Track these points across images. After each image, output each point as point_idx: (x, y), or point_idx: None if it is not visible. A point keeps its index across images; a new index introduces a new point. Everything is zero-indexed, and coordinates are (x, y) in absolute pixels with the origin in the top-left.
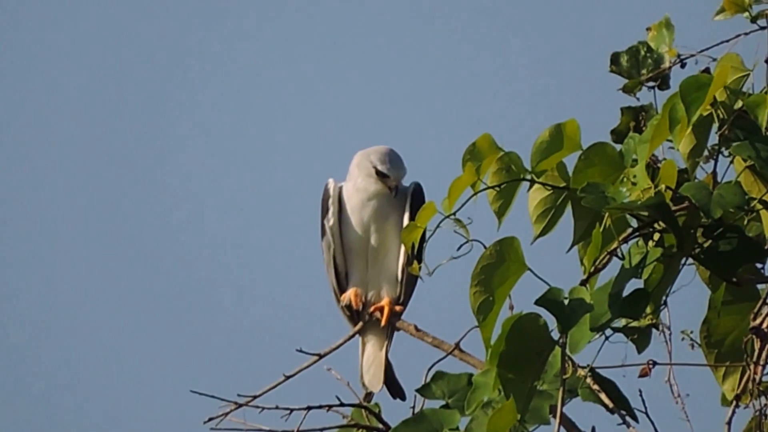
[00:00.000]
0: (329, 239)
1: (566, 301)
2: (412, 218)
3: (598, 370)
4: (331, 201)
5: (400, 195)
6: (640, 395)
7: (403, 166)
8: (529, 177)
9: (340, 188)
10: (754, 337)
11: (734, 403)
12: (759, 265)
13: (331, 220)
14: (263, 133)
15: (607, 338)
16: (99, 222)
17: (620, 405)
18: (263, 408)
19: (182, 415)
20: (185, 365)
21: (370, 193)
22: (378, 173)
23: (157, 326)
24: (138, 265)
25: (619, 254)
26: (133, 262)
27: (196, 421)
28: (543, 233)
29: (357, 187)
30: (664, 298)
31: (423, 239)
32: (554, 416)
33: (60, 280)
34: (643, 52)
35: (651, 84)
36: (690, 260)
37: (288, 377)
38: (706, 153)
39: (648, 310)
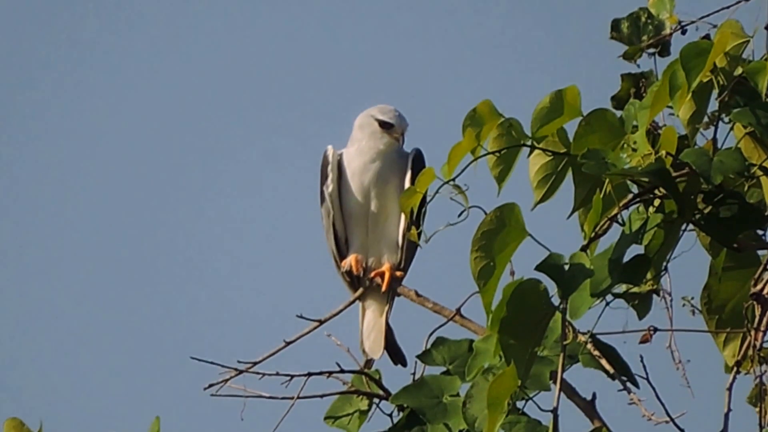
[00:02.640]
0: (328, 206)
1: (567, 267)
2: (412, 184)
3: (598, 336)
4: (330, 167)
5: (401, 160)
6: (641, 361)
7: (404, 117)
8: (529, 143)
9: (340, 155)
10: (754, 303)
11: (735, 369)
12: (759, 232)
13: (330, 186)
14: (262, 100)
15: (607, 304)
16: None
17: (621, 371)
18: (263, 374)
19: (182, 382)
20: (185, 332)
21: (379, 151)
22: (383, 124)
23: (156, 292)
24: (136, 232)
25: (620, 220)
26: (130, 228)
27: (196, 388)
28: (543, 199)
29: (361, 149)
30: (664, 264)
31: (422, 205)
32: (555, 382)
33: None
34: (643, 19)
35: (651, 50)
36: (690, 226)
37: (288, 343)
38: (706, 119)
39: (648, 276)
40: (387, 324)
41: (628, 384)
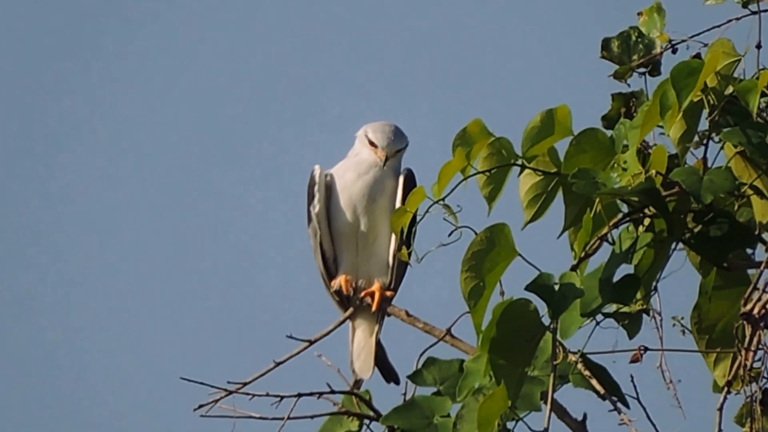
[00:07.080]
0: (315, 226)
1: (557, 287)
2: (403, 204)
3: (589, 356)
4: (316, 188)
5: (392, 179)
6: (632, 381)
7: (396, 140)
8: (519, 162)
9: (328, 174)
10: (744, 322)
11: (725, 389)
12: (749, 251)
13: (317, 206)
14: (253, 118)
15: (597, 324)
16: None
17: (611, 391)
18: (253, 395)
19: (172, 403)
20: (175, 352)
21: (367, 162)
22: (369, 142)
23: (147, 313)
24: (129, 252)
25: (610, 239)
26: (124, 249)
27: (186, 409)
28: (533, 219)
29: (358, 161)
30: (654, 283)
31: (413, 224)
32: (545, 402)
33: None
34: (634, 38)
35: (642, 70)
36: (680, 245)
37: (278, 364)
38: (696, 139)
39: (639, 295)
40: (378, 343)
41: (619, 404)
